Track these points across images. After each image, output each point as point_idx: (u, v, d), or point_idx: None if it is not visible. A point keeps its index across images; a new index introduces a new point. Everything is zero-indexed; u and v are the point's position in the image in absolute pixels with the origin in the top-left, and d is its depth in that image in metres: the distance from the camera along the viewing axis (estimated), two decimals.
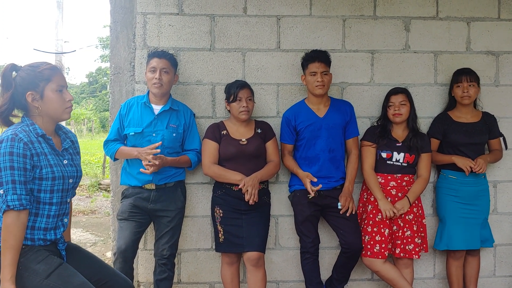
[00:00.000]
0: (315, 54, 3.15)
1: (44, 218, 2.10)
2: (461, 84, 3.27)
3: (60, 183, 2.12)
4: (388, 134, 3.22)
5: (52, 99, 2.11)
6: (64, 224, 2.22)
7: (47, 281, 1.99)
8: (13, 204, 1.95)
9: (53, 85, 2.10)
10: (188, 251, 3.43)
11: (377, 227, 3.14)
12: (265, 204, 3.16)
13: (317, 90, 3.12)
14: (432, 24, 3.48)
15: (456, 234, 3.24)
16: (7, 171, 1.96)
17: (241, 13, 3.40)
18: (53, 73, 2.10)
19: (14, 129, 2.04)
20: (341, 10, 3.43)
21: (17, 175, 1.97)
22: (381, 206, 3.13)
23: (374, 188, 3.17)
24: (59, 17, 13.09)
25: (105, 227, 6.54)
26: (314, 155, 3.16)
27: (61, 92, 2.13)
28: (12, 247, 1.94)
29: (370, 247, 3.13)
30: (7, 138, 1.99)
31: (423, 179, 3.23)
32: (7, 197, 1.95)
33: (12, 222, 1.95)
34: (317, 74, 3.09)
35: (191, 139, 3.18)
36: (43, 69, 2.09)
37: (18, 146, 1.99)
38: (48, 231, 2.11)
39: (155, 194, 3.05)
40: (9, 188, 1.96)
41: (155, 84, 3.01)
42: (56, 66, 2.17)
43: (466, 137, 3.25)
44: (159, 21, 3.35)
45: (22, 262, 2.00)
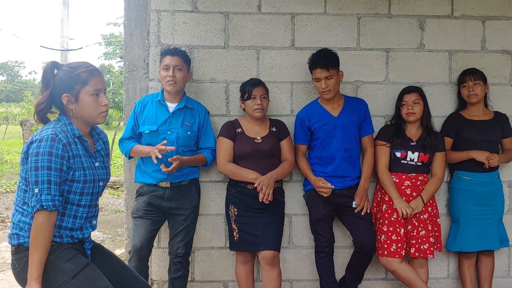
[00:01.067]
0: (317, 59, 3.08)
1: (71, 218, 2.09)
2: (466, 84, 3.27)
3: (90, 186, 2.12)
4: (402, 133, 3.20)
5: (87, 103, 2.08)
6: (92, 226, 2.21)
7: (74, 281, 1.99)
8: (46, 205, 1.95)
9: (89, 88, 2.06)
10: (202, 250, 3.42)
11: (393, 227, 3.13)
12: (279, 203, 3.16)
13: (324, 95, 3.11)
14: (447, 23, 3.46)
15: (470, 236, 3.23)
16: (44, 171, 1.95)
17: (255, 10, 3.38)
18: (90, 76, 2.07)
19: (53, 129, 2.02)
20: (356, 8, 3.41)
21: (53, 176, 1.96)
22: (397, 204, 3.11)
23: (389, 187, 3.16)
24: (65, 14, 13.09)
25: (112, 225, 6.54)
26: (330, 155, 3.15)
27: (97, 96, 2.09)
28: (41, 247, 1.94)
29: (386, 247, 3.11)
30: (47, 137, 1.98)
31: (437, 178, 3.21)
32: (42, 197, 1.94)
33: (43, 222, 1.95)
34: (321, 80, 3.06)
35: (206, 137, 3.17)
36: (81, 72, 2.05)
37: (58, 147, 1.98)
38: (75, 231, 2.11)
39: (169, 192, 3.04)
40: (44, 188, 1.95)
41: (169, 82, 3.00)
42: (95, 69, 2.12)
43: (479, 134, 3.23)
44: (173, 18, 3.34)
45: (51, 260, 2.00)
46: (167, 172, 2.91)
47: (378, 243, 3.15)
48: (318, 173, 3.16)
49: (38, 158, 1.95)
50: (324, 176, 3.14)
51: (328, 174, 3.13)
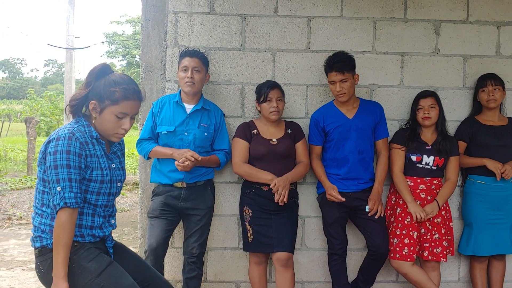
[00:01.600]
0: (332, 62, 3.10)
1: (90, 216, 2.11)
2: (486, 89, 3.28)
3: (107, 186, 2.13)
4: (418, 137, 3.22)
5: (108, 120, 2.07)
6: (112, 225, 2.23)
7: (98, 279, 2.01)
8: (70, 202, 1.96)
9: (117, 109, 2.04)
10: (215, 250, 3.44)
11: (406, 230, 3.15)
12: (294, 205, 3.18)
13: (339, 98, 3.13)
14: (462, 28, 3.48)
15: (483, 240, 3.25)
16: (64, 169, 1.96)
17: (272, 13, 3.40)
18: (123, 98, 2.04)
19: (71, 128, 2.04)
20: (372, 12, 3.43)
21: (73, 174, 1.98)
22: (411, 208, 3.13)
23: (404, 191, 3.17)
24: (71, 12, 13.11)
25: (119, 223, 6.56)
26: (343, 157, 3.17)
27: (120, 119, 2.08)
28: (66, 245, 1.96)
29: (398, 250, 3.13)
30: (64, 136, 1.99)
31: (451, 182, 3.23)
32: (65, 194, 1.96)
33: (67, 220, 1.96)
34: (336, 83, 3.09)
35: (220, 139, 3.19)
36: (118, 90, 2.03)
37: (75, 145, 1.99)
38: (95, 229, 2.12)
39: (185, 192, 3.06)
40: (66, 185, 1.96)
41: (187, 83, 3.02)
42: (134, 92, 2.08)
43: (495, 139, 3.25)
44: (191, 20, 3.36)
45: (75, 260, 2.02)
46: (181, 169, 2.91)
47: (390, 246, 3.16)
48: (331, 175, 3.18)
49: (57, 156, 1.97)
50: (338, 178, 3.16)
51: (341, 176, 3.15)
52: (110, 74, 2.08)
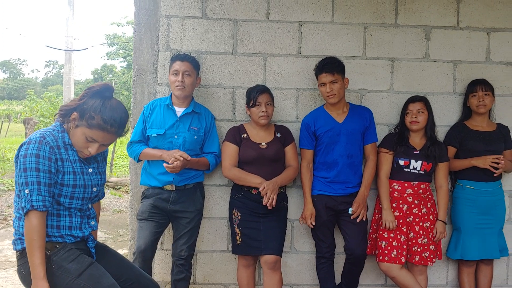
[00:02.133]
0: (322, 64, 3.15)
1: (67, 217, 2.13)
2: (476, 94, 3.31)
3: (81, 191, 2.14)
4: (406, 141, 3.25)
5: (77, 137, 2.09)
6: (92, 226, 2.24)
7: (79, 280, 2.03)
8: (37, 205, 1.98)
9: (87, 131, 2.06)
10: (204, 252, 3.46)
11: (394, 233, 3.17)
12: (283, 208, 3.20)
13: (329, 99, 3.15)
14: (453, 34, 3.51)
15: (471, 245, 3.27)
16: (33, 172, 1.99)
17: (264, 18, 3.43)
18: (99, 128, 2.04)
19: (43, 132, 2.07)
20: (363, 18, 3.46)
21: (42, 177, 2.00)
22: (384, 216, 3.17)
23: (383, 197, 3.21)
24: (70, 14, 13.17)
25: (114, 225, 6.58)
26: (333, 160, 3.19)
27: (90, 142, 2.09)
28: (40, 247, 1.98)
29: (387, 253, 3.15)
30: (35, 140, 2.03)
31: (444, 190, 3.27)
32: (32, 197, 1.98)
33: (39, 223, 1.99)
34: (326, 84, 3.12)
35: (210, 142, 3.22)
36: (99, 117, 2.04)
37: (45, 149, 2.02)
38: (74, 229, 2.14)
39: (174, 195, 3.08)
40: (34, 188, 1.99)
41: (178, 87, 3.04)
42: (115, 127, 2.07)
43: (483, 145, 3.28)
44: (183, 24, 3.39)
45: (55, 261, 2.04)
46: (171, 171, 2.93)
47: (379, 249, 3.19)
48: (320, 178, 3.21)
49: (26, 159, 2.00)
50: (326, 181, 3.18)
51: (330, 179, 3.18)
52: (106, 100, 2.08)
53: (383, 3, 3.47)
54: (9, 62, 55.39)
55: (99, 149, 2.12)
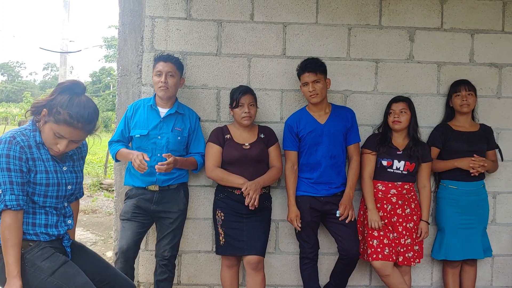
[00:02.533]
0: (304, 64, 3.17)
1: (43, 215, 2.14)
2: (460, 93, 3.33)
3: (54, 189, 2.15)
4: (389, 142, 3.26)
5: (46, 133, 2.09)
6: (68, 225, 2.25)
7: (52, 278, 2.03)
8: (11, 204, 2.00)
9: (55, 127, 2.05)
10: (189, 253, 3.46)
11: (383, 231, 3.18)
12: (266, 209, 3.20)
13: (311, 99, 3.16)
14: (437, 35, 3.53)
15: (454, 245, 3.28)
16: (4, 172, 2.01)
17: (248, 19, 3.44)
18: (64, 122, 2.04)
19: (13, 132, 2.08)
20: (347, 19, 3.48)
21: (14, 177, 2.02)
22: (370, 215, 3.18)
23: (368, 197, 3.22)
24: (65, 16, 13.18)
25: (105, 227, 6.57)
26: (316, 162, 3.20)
27: (57, 137, 2.08)
28: (16, 245, 1.99)
29: (380, 250, 3.15)
30: (5, 140, 2.04)
31: (427, 190, 3.28)
32: (5, 197, 2.00)
33: (13, 222, 2.00)
34: (309, 84, 3.13)
35: (196, 142, 3.22)
36: (65, 113, 2.03)
37: (15, 149, 2.03)
38: (50, 227, 2.15)
39: (158, 195, 3.09)
40: (7, 188, 2.01)
41: (161, 88, 3.05)
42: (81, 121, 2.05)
43: (466, 145, 3.29)
44: (167, 25, 3.40)
45: (28, 259, 2.05)
46: (160, 171, 2.92)
47: (370, 248, 3.17)
48: (303, 180, 3.22)
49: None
50: (309, 182, 3.19)
51: (313, 180, 3.18)
52: (75, 96, 2.07)
53: (367, 5, 3.48)
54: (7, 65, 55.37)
55: (69, 146, 2.11)
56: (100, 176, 10.67)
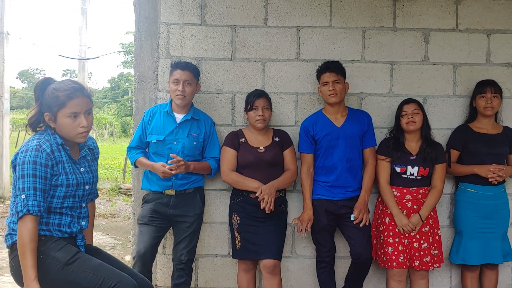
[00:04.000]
0: (326, 64, 3.21)
1: (57, 215, 2.22)
2: (485, 95, 3.27)
3: (73, 189, 2.23)
4: (402, 146, 3.21)
5: (64, 124, 2.17)
6: (81, 225, 2.32)
7: (67, 266, 2.12)
8: (33, 210, 2.07)
9: (66, 110, 2.15)
10: (206, 257, 3.49)
11: (398, 237, 3.15)
12: (282, 212, 3.21)
13: (330, 98, 3.16)
14: (452, 36, 3.50)
15: (472, 249, 3.23)
16: (30, 178, 2.08)
17: (262, 24, 3.47)
18: (68, 98, 2.14)
19: (38, 140, 2.16)
20: (361, 22, 3.47)
21: (38, 183, 2.10)
22: (398, 221, 3.13)
23: (390, 203, 3.17)
24: (83, 23, 13.39)
25: (124, 231, 6.64)
26: (332, 165, 3.19)
27: (74, 118, 2.17)
28: (33, 250, 2.06)
29: (394, 258, 3.12)
30: (32, 148, 2.12)
31: (437, 191, 3.21)
32: (28, 202, 2.07)
33: (32, 226, 2.07)
34: (329, 83, 3.14)
35: (211, 147, 3.25)
36: (60, 94, 2.13)
37: (41, 156, 2.11)
38: (62, 226, 2.23)
39: (174, 199, 3.12)
40: (30, 194, 2.08)
41: (178, 96, 3.08)
42: (76, 89, 2.17)
43: (486, 147, 3.24)
44: (182, 31, 3.44)
45: (43, 251, 2.13)
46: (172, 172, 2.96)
47: (385, 255, 3.16)
48: (319, 183, 3.21)
49: (24, 166, 2.09)
50: (326, 185, 3.19)
51: (329, 183, 3.18)
52: (50, 86, 2.18)
53: (381, 7, 3.47)
54: (27, 72, 56.41)
55: (88, 119, 2.20)
56: (119, 180, 10.79)
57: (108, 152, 18.29)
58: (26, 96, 50.32)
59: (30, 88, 54.01)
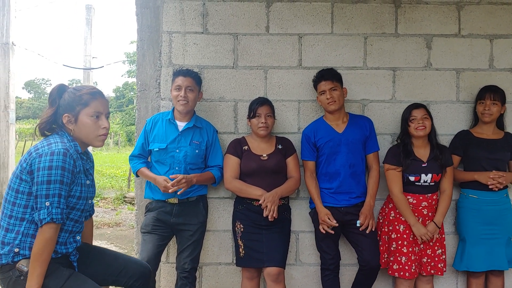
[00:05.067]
0: (321, 73, 3.22)
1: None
2: (484, 101, 3.26)
3: (83, 203, 2.20)
4: (411, 154, 3.17)
5: (86, 124, 2.15)
6: (76, 241, 2.26)
7: None
8: (56, 217, 2.02)
9: (89, 110, 2.15)
10: (210, 265, 3.47)
11: (412, 247, 3.12)
12: (285, 220, 3.19)
13: (329, 106, 3.16)
14: (454, 42, 3.49)
15: (476, 255, 3.20)
16: (57, 185, 2.02)
17: (264, 31, 3.47)
18: (92, 98, 2.15)
19: (63, 144, 2.09)
20: (363, 28, 3.47)
21: (63, 190, 2.05)
22: (416, 231, 3.08)
23: (406, 213, 3.11)
24: (88, 33, 13.50)
25: (129, 240, 6.64)
26: (335, 171, 3.18)
27: (97, 118, 2.17)
28: (46, 261, 2.01)
29: (407, 268, 3.09)
30: (58, 151, 2.04)
31: (447, 195, 3.17)
32: (52, 210, 2.01)
33: (53, 235, 2.03)
34: (326, 91, 3.15)
35: (214, 155, 3.25)
36: (83, 93, 2.14)
37: (70, 162, 2.06)
38: (59, 244, 2.15)
39: (177, 208, 3.12)
40: (54, 201, 2.02)
41: (181, 102, 3.09)
42: (98, 92, 2.20)
43: (486, 152, 3.22)
44: (184, 39, 3.46)
45: None
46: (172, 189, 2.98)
47: (398, 264, 3.12)
48: (323, 190, 3.20)
49: (51, 172, 2.00)
50: (329, 192, 3.17)
51: (333, 190, 3.16)
52: (68, 89, 2.20)
53: (382, 13, 3.48)
54: (34, 82, 56.84)
55: (108, 121, 2.22)
56: (124, 189, 10.80)
57: (113, 161, 18.34)
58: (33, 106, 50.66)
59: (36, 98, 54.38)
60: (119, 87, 44.01)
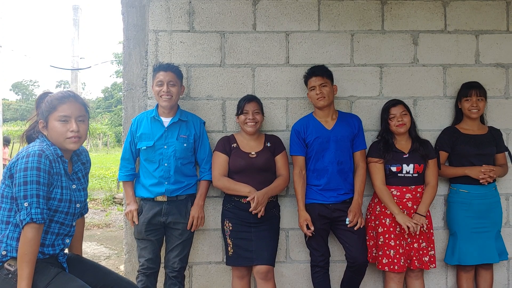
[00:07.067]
0: (312, 70, 3.23)
1: (43, 234, 2.13)
2: (470, 98, 3.29)
3: (66, 205, 2.18)
4: (392, 147, 3.22)
5: (53, 128, 2.15)
6: (65, 243, 2.25)
7: None
8: (36, 218, 2.01)
9: (56, 114, 2.14)
10: (199, 264, 3.46)
11: (399, 240, 3.13)
12: (274, 217, 3.19)
13: (319, 102, 3.17)
14: (441, 38, 3.51)
15: (468, 249, 3.23)
16: (33, 185, 2.02)
17: (251, 29, 3.46)
18: (59, 102, 2.14)
19: (40, 146, 2.10)
20: (349, 25, 3.48)
21: (41, 190, 2.04)
22: (400, 220, 3.08)
23: (389, 203, 3.14)
24: (75, 34, 13.39)
25: (119, 241, 6.60)
26: (323, 167, 3.18)
27: (65, 122, 2.15)
28: (31, 261, 2.00)
29: (396, 261, 3.10)
30: (34, 153, 2.05)
31: (431, 187, 3.20)
32: (32, 210, 2.01)
33: (34, 236, 2.02)
34: (316, 87, 3.16)
35: (202, 148, 3.24)
36: (53, 98, 2.15)
37: (45, 162, 2.06)
38: (46, 247, 2.15)
39: (166, 206, 3.10)
40: (33, 201, 2.02)
41: (163, 97, 3.06)
42: (68, 95, 2.18)
43: (475, 148, 3.25)
44: (171, 38, 3.44)
45: None
46: None
47: (387, 258, 3.13)
48: (311, 187, 3.20)
49: (27, 173, 2.02)
50: (317, 189, 3.17)
51: (321, 187, 3.17)
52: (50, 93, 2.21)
53: (369, 10, 3.48)
54: (21, 84, 56.22)
55: (80, 126, 2.17)
56: (113, 190, 10.74)
57: (102, 162, 18.24)
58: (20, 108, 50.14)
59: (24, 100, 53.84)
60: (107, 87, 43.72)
